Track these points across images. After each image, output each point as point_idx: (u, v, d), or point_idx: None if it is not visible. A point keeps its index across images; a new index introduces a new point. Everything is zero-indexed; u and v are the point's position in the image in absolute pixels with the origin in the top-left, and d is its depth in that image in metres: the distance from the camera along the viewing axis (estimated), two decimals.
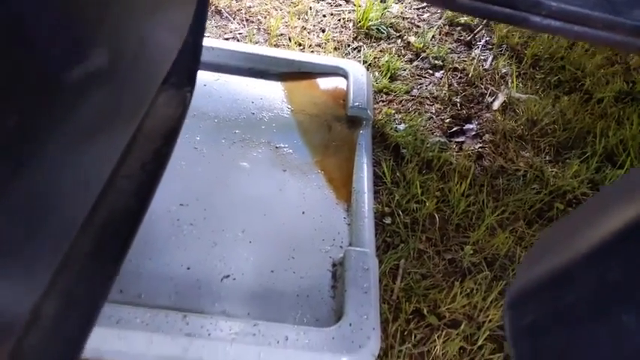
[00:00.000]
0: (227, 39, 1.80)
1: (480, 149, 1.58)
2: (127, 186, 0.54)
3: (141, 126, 0.51)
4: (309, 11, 1.95)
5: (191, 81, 0.74)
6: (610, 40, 0.64)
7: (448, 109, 1.69)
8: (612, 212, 0.38)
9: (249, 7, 1.93)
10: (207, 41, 1.62)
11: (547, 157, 1.58)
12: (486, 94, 1.76)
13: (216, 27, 1.83)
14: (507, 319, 0.42)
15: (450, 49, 1.92)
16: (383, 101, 1.69)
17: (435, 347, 1.14)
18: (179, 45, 0.60)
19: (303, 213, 1.29)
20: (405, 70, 1.81)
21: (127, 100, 0.48)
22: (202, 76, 1.56)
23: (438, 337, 1.15)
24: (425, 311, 1.19)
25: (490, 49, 1.94)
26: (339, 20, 1.95)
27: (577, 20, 0.63)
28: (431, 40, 1.93)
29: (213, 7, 1.89)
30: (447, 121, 1.66)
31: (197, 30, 0.69)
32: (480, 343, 1.16)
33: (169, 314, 1.04)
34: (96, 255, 0.48)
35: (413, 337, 1.16)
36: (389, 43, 1.90)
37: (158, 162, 0.61)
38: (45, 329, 0.44)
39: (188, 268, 1.15)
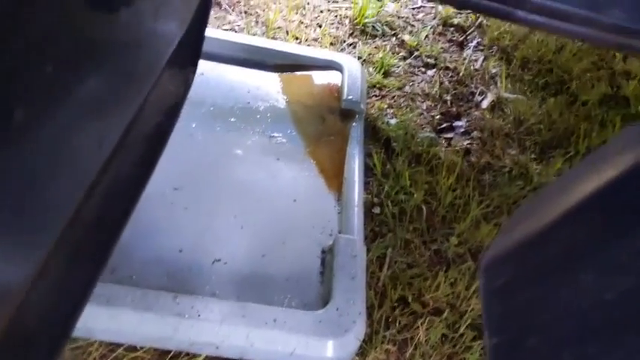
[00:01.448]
0: (225, 30, 1.82)
1: (467, 145, 1.62)
2: (131, 156, 0.56)
3: (146, 100, 0.54)
4: (306, 6, 1.98)
5: (194, 62, 0.77)
6: (590, 36, 0.68)
7: (439, 106, 1.74)
8: (577, 185, 0.42)
9: None
10: (205, 31, 1.64)
11: (532, 155, 1.63)
12: (476, 93, 1.81)
13: (215, 18, 1.86)
14: (481, 283, 0.46)
15: (442, 48, 1.96)
16: (376, 96, 1.73)
17: (418, 334, 1.18)
18: (186, 25, 0.63)
19: (295, 201, 1.32)
20: (398, 67, 1.84)
21: (137, 75, 0.51)
22: (200, 65, 1.58)
23: (421, 323, 1.19)
24: (410, 299, 1.23)
25: (481, 50, 1.98)
26: (336, 16, 1.98)
27: (559, 16, 0.67)
28: (424, 39, 1.97)
29: None
30: (437, 117, 1.70)
31: (202, 13, 0.72)
32: (461, 330, 1.19)
33: (160, 294, 1.06)
34: (100, 219, 0.51)
35: (397, 323, 1.19)
36: (384, 41, 1.94)
37: (160, 135, 0.64)
38: (49, 287, 0.46)
39: (180, 251, 1.18)
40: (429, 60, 1.89)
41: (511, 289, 0.42)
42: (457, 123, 1.69)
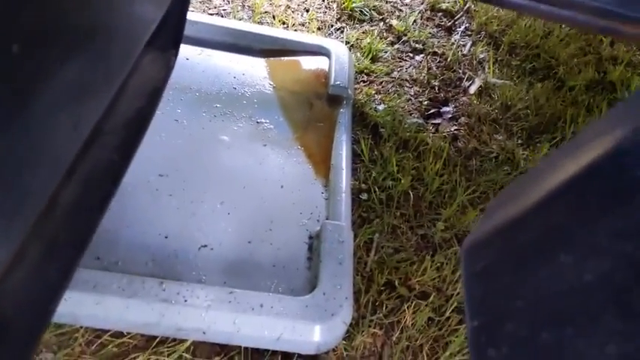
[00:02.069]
0: (211, 14, 1.79)
1: (455, 131, 1.62)
2: (110, 141, 0.55)
3: (125, 84, 0.53)
4: None
5: (176, 44, 0.75)
6: (575, 20, 0.67)
7: (426, 91, 1.73)
8: (556, 169, 0.42)
9: None
10: (191, 15, 1.62)
11: (519, 141, 1.64)
12: (464, 78, 1.81)
13: (200, 2, 1.83)
14: (462, 266, 0.46)
15: (430, 33, 1.95)
16: (364, 82, 1.72)
17: (404, 317, 1.19)
18: (165, 6, 0.61)
19: (282, 187, 1.32)
20: (386, 52, 1.83)
21: (112, 58, 0.50)
22: (185, 50, 1.57)
23: (407, 307, 1.20)
24: (396, 283, 1.24)
25: (469, 35, 1.98)
26: (324, 1, 1.96)
27: None
28: (412, 24, 1.95)
29: None
30: (425, 103, 1.69)
31: None
32: (447, 314, 1.21)
33: (146, 281, 1.06)
34: (79, 204, 0.50)
35: (384, 307, 1.20)
36: (371, 26, 1.92)
37: (141, 120, 0.63)
38: (26, 273, 0.46)
39: (166, 237, 1.17)
40: (416, 45, 1.88)
41: (491, 273, 0.42)
42: (445, 109, 1.69)
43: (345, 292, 1.11)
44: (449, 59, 1.85)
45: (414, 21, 1.97)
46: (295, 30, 1.81)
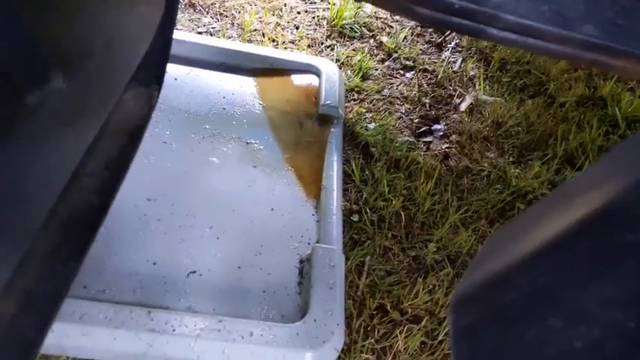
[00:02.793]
0: (200, 33, 1.79)
1: (446, 149, 1.62)
2: (90, 184, 0.54)
3: (107, 123, 0.51)
4: (283, 8, 1.96)
5: (159, 79, 0.74)
6: (562, 53, 0.67)
7: (417, 109, 1.73)
8: (544, 223, 0.41)
9: (223, 1, 1.92)
10: (179, 34, 1.61)
11: (510, 159, 1.63)
12: (454, 95, 1.80)
13: (189, 20, 1.82)
14: (450, 321, 0.45)
15: (421, 50, 1.95)
16: (354, 100, 1.71)
17: (397, 342, 1.17)
18: (149, 40, 0.60)
19: (272, 209, 1.31)
20: (376, 69, 1.83)
21: (94, 96, 0.48)
22: (173, 70, 1.56)
23: (400, 332, 1.18)
24: (388, 307, 1.22)
25: (459, 52, 1.98)
26: (314, 18, 1.96)
27: (532, 33, 0.66)
28: (403, 40, 1.96)
29: (186, 0, 1.87)
30: (416, 121, 1.69)
31: (166, 26, 0.69)
32: (440, 338, 1.19)
33: (134, 310, 1.04)
34: (56, 254, 0.48)
35: (376, 332, 1.19)
36: (362, 43, 1.92)
37: (122, 160, 0.62)
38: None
39: (154, 264, 1.15)
40: (407, 62, 1.88)
41: (477, 330, 0.41)
42: (436, 126, 1.69)
43: (337, 318, 1.10)
44: (439, 76, 1.85)
45: (405, 37, 1.97)
46: (285, 48, 1.81)
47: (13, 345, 0.43)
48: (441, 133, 1.67)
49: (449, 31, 2.04)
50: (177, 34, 1.17)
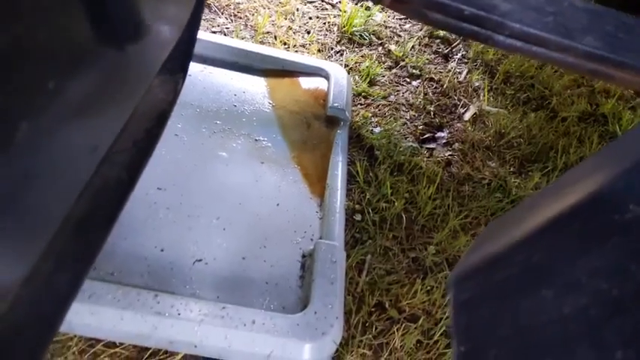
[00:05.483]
0: (214, 32, 1.83)
1: (449, 156, 1.66)
2: (120, 160, 0.58)
3: (137, 106, 0.55)
4: (295, 12, 2.01)
5: (184, 69, 0.79)
6: (563, 62, 0.71)
7: (422, 116, 1.77)
8: (539, 210, 0.45)
9: (238, 3, 1.97)
10: (196, 38, 1.65)
11: (511, 169, 1.68)
12: (459, 105, 1.85)
13: (204, 20, 1.87)
14: (450, 296, 0.49)
15: (427, 59, 2.00)
16: (361, 104, 1.76)
17: (393, 339, 1.20)
18: (178, 35, 0.64)
19: (278, 205, 1.34)
20: (384, 76, 1.88)
21: (132, 80, 0.52)
22: None
23: (397, 329, 1.22)
24: (387, 305, 1.26)
25: (465, 63, 2.03)
26: (325, 24, 2.01)
27: (536, 42, 0.70)
28: (410, 49, 2.00)
29: None
30: (420, 127, 1.73)
31: (193, 23, 0.74)
32: (436, 337, 1.23)
33: (141, 292, 1.07)
34: (88, 220, 0.52)
35: (374, 328, 1.22)
36: (370, 50, 1.97)
37: (149, 140, 0.66)
38: (39, 285, 0.47)
39: (162, 250, 1.19)
40: (414, 71, 1.93)
41: (476, 303, 0.45)
42: (439, 134, 1.73)
43: (336, 312, 1.13)
44: (445, 86, 1.90)
45: (412, 47, 2.02)
46: (296, 51, 1.85)
47: (51, 298, 0.46)
48: (445, 141, 1.71)
49: (455, 43, 2.09)
50: None
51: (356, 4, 2.03)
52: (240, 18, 1.92)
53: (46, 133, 0.40)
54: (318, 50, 1.88)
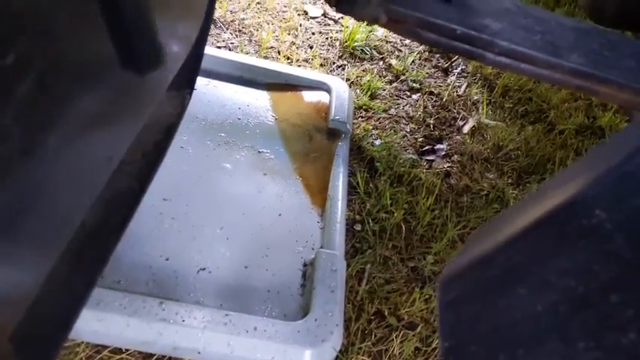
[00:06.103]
0: (219, 47, 1.89)
1: (448, 168, 1.69)
2: (130, 169, 0.62)
3: (146, 120, 0.59)
4: (299, 28, 2.06)
5: (191, 84, 0.83)
6: (550, 78, 0.75)
7: (422, 129, 1.81)
8: (522, 215, 0.49)
9: (243, 19, 2.03)
10: (203, 54, 1.71)
11: (509, 180, 1.71)
12: (458, 118, 1.89)
13: (209, 35, 1.92)
14: (438, 296, 0.52)
15: (427, 74, 2.04)
16: (362, 117, 1.80)
17: (392, 346, 1.23)
18: (187, 52, 0.68)
19: (280, 215, 1.38)
20: (384, 90, 1.92)
21: (143, 96, 0.56)
22: None
23: (396, 337, 1.24)
24: (386, 312, 1.28)
25: (465, 77, 2.07)
26: (327, 39, 2.06)
27: (524, 59, 0.74)
28: (411, 64, 2.05)
29: None
30: (420, 140, 1.77)
31: (200, 41, 0.78)
32: (434, 345, 1.25)
33: (146, 300, 1.10)
34: (101, 226, 0.55)
35: (373, 335, 1.24)
36: (371, 64, 2.02)
37: (157, 152, 0.70)
38: (57, 286, 0.51)
39: (167, 259, 1.22)
40: (414, 84, 1.97)
41: (461, 302, 0.48)
42: (439, 146, 1.76)
43: (336, 320, 1.16)
44: (444, 99, 1.94)
45: (413, 61, 2.07)
46: (299, 65, 1.90)
47: (67, 298, 0.50)
48: (444, 153, 1.75)
49: (455, 58, 2.14)
50: None
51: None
52: (245, 33, 1.98)
53: (68, 144, 0.44)
54: (321, 65, 1.93)
